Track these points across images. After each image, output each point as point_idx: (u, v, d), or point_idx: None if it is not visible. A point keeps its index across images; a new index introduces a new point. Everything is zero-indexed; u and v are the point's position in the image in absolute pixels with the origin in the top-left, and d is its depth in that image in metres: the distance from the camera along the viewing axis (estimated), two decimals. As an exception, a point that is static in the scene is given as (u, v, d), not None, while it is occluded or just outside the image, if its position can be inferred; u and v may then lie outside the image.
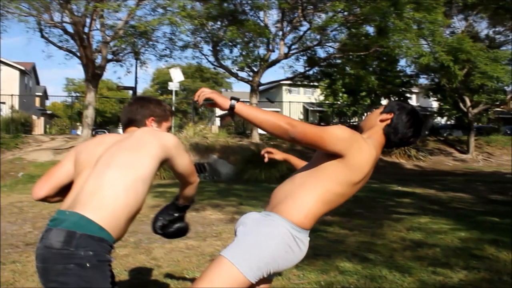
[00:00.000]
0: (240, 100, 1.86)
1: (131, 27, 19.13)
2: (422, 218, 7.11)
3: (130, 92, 36.84)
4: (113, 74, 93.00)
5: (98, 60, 18.64)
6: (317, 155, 2.00)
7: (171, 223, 2.38)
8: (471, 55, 22.02)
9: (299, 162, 2.60)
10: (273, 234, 1.85)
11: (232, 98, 1.82)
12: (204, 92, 1.84)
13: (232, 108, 1.80)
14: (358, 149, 1.85)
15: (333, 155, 1.85)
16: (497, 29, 28.99)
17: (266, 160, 2.67)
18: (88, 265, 1.67)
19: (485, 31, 36.71)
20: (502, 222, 6.95)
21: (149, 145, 1.94)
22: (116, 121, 46.39)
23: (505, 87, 26.46)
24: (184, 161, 2.09)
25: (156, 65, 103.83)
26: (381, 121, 2.01)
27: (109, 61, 19.71)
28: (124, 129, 2.25)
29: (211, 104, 1.88)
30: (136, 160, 1.89)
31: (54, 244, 1.70)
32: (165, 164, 2.05)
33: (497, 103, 28.49)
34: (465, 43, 21.99)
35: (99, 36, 21.07)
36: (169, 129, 2.32)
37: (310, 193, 1.88)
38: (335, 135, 1.81)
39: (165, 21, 18.66)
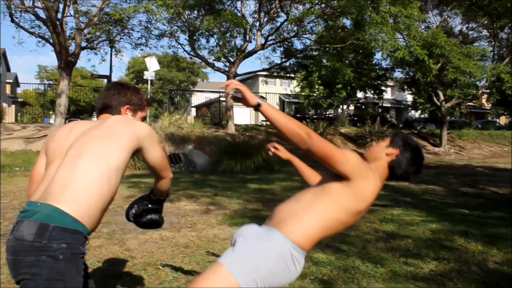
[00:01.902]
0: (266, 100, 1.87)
1: (106, 14, 18.78)
2: (395, 210, 7.21)
3: (105, 80, 36.30)
4: (87, 62, 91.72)
5: (72, 48, 18.24)
6: (325, 176, 2.03)
7: (144, 213, 2.34)
8: (445, 50, 22.37)
9: (301, 165, 2.61)
10: (274, 250, 1.85)
11: (257, 96, 1.83)
12: (234, 83, 1.81)
13: (258, 105, 1.79)
14: (366, 177, 1.89)
15: (340, 178, 1.86)
16: (470, 25, 29.51)
17: (270, 153, 2.68)
18: (61, 257, 1.65)
19: (458, 27, 37.34)
20: (471, 214, 7.10)
21: (121, 135, 1.90)
22: (90, 110, 45.67)
23: (477, 82, 26.99)
24: (157, 154, 2.05)
25: (132, 53, 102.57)
26: (387, 155, 2.04)
27: (83, 48, 19.33)
28: (98, 115, 2.19)
29: (237, 97, 1.85)
30: (108, 150, 1.85)
31: (26, 236, 1.66)
32: (138, 154, 2.00)
33: (469, 97, 29.05)
34: (439, 38, 22.32)
35: (72, 23, 20.67)
36: (143, 119, 2.27)
37: (314, 217, 1.89)
38: (347, 157, 1.84)
39: (140, 9, 18.38)
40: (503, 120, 44.18)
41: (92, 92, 42.58)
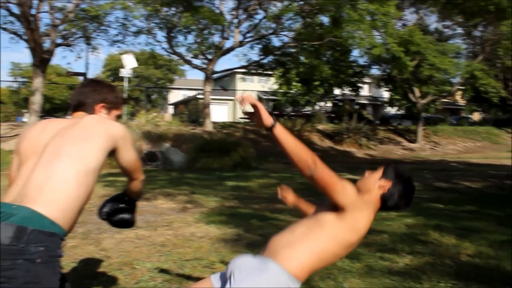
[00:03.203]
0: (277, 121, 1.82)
1: (82, 10, 18.51)
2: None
3: (81, 78, 35.80)
4: (63, 59, 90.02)
5: (47, 44, 17.94)
6: (319, 208, 2.05)
7: (117, 212, 2.33)
8: (421, 47, 22.70)
9: (308, 209, 2.61)
10: (271, 282, 1.85)
11: (272, 116, 1.78)
12: (250, 99, 1.76)
13: (272, 127, 1.76)
14: (360, 210, 1.91)
15: (335, 210, 1.88)
16: (445, 23, 29.96)
17: (279, 197, 2.73)
18: (38, 260, 1.62)
19: (434, 24, 37.92)
20: (446, 208, 7.22)
21: (97, 136, 1.87)
22: (65, 108, 44.98)
23: (452, 79, 27.44)
24: (129, 155, 2.04)
25: (108, 50, 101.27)
26: (380, 187, 2.06)
27: (58, 45, 19.00)
28: (72, 112, 2.14)
29: (251, 113, 1.80)
30: (84, 151, 1.82)
31: (3, 239, 1.61)
32: (111, 155, 1.98)
33: (444, 94, 29.54)
34: (415, 35, 22.64)
35: (47, 19, 20.35)
36: (118, 118, 2.23)
37: (309, 248, 1.90)
38: (346, 188, 1.85)
39: (117, 5, 18.17)
40: (476, 116, 45.03)
41: (67, 89, 41.95)
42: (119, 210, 2.33)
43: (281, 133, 1.76)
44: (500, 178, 12.11)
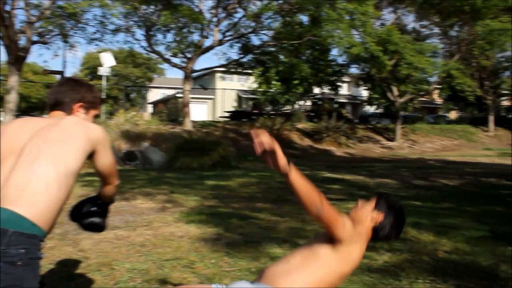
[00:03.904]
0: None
1: (59, 7, 18.23)
2: (350, 204, 7.24)
3: (58, 76, 35.30)
4: (39, 57, 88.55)
5: (22, 42, 17.60)
6: (314, 239, 2.10)
7: (88, 215, 2.29)
8: (399, 47, 22.96)
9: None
10: None
11: (288, 161, 1.81)
12: (269, 141, 1.74)
13: (288, 173, 1.80)
14: (355, 242, 1.98)
15: (330, 241, 1.95)
16: (422, 22, 30.38)
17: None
18: (19, 263, 1.59)
19: (412, 24, 38.34)
20: (423, 205, 7.32)
21: (77, 138, 1.85)
22: (42, 107, 44.26)
23: (429, 78, 27.84)
24: (107, 159, 2.02)
25: (86, 48, 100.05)
26: (372, 219, 2.13)
27: (34, 43, 18.68)
28: (49, 111, 2.09)
29: (265, 155, 1.77)
30: (64, 153, 1.80)
31: None
32: (89, 158, 1.95)
33: (422, 93, 29.95)
34: (393, 35, 22.89)
35: (23, 16, 19.99)
36: (96, 117, 2.20)
37: (305, 278, 1.94)
38: (345, 224, 1.93)
39: (95, 3, 17.94)
40: (453, 115, 45.78)
41: (44, 88, 41.29)
42: (91, 213, 2.29)
43: (296, 179, 1.82)
44: (476, 175, 12.33)
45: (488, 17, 23.95)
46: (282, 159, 1.78)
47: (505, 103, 42.69)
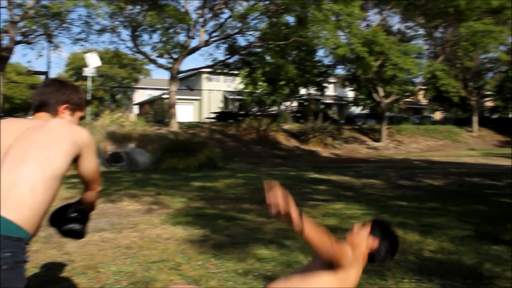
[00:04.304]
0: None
1: (43, 7, 18.05)
2: (336, 204, 7.35)
3: (42, 77, 34.94)
4: (23, 57, 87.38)
5: (5, 42, 17.39)
6: (312, 262, 2.15)
7: (68, 221, 2.25)
8: (385, 48, 23.12)
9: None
10: None
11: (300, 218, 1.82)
12: (282, 202, 1.77)
13: (302, 230, 1.83)
14: (353, 267, 2.04)
15: (329, 266, 1.99)
16: (408, 24, 30.65)
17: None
18: (5, 267, 1.57)
19: (397, 25, 38.67)
20: (409, 205, 7.37)
21: (63, 141, 1.84)
22: (26, 108, 43.77)
23: (414, 79, 28.09)
24: (91, 164, 2.01)
25: (71, 49, 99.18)
26: (368, 245, 2.19)
27: (17, 43, 18.48)
28: (34, 112, 2.07)
29: (279, 214, 1.78)
30: (51, 156, 1.79)
31: None
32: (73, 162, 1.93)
33: (407, 93, 30.21)
34: (379, 36, 23.04)
35: (6, 15, 19.74)
36: (81, 119, 2.18)
37: None
38: (347, 254, 2.00)
39: (80, 2, 17.79)
40: (438, 115, 46.22)
41: (28, 89, 40.84)
42: (70, 219, 2.25)
43: (309, 233, 1.84)
44: (461, 175, 12.46)
45: (471, 19, 24.27)
46: (296, 218, 1.81)
47: (489, 103, 43.25)
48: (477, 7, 23.62)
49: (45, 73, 25.04)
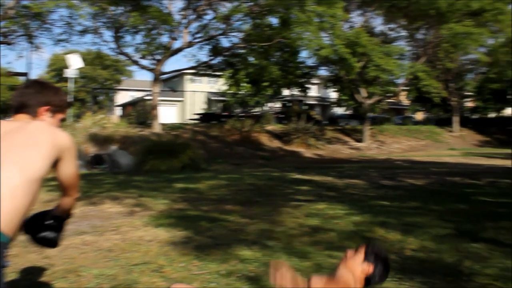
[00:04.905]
0: None
1: (24, 7, 17.80)
2: (319, 205, 7.38)
3: (22, 78, 34.48)
4: (3, 58, 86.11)
5: (-16, 43, 17.15)
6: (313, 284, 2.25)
7: (42, 228, 2.19)
8: (367, 49, 23.31)
9: None
10: None
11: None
12: (288, 283, 1.97)
13: None
14: None
15: None
16: (390, 25, 30.93)
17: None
18: None
19: (380, 27, 39.02)
20: (391, 205, 7.43)
21: (43, 144, 1.82)
22: (5, 109, 43.09)
23: (396, 80, 28.36)
24: (71, 168, 1.98)
25: (52, 50, 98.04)
26: (363, 270, 2.28)
27: (-4, 43, 18.21)
28: (14, 114, 2.04)
29: None
30: (30, 159, 1.77)
31: None
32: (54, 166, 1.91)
33: (389, 94, 30.49)
34: (362, 37, 23.23)
35: (-16, 16, 19.39)
36: (62, 121, 2.15)
37: None
38: (351, 283, 2.16)
39: (62, 3, 17.58)
40: (419, 116, 46.72)
41: (7, 90, 40.22)
42: (45, 227, 2.18)
43: None
44: (442, 175, 12.61)
45: (452, 21, 24.60)
46: None
47: (469, 104, 43.85)
48: (457, 9, 23.95)
49: (26, 74, 24.74)
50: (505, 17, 25.96)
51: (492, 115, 42.63)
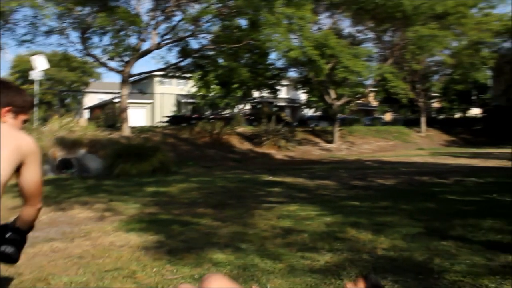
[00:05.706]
0: None
1: (-15, 6, 17.30)
2: (291, 206, 7.41)
3: (-15, 81, 33.47)
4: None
5: None
6: None
7: (0, 242, 1.99)
8: (336, 51, 23.56)
9: None
10: None
11: None
12: None
13: None
14: None
15: None
16: (358, 28, 31.35)
17: None
18: None
19: (348, 29, 39.53)
20: (362, 205, 7.52)
21: (5, 147, 1.75)
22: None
23: (365, 81, 28.78)
24: (34, 174, 1.88)
25: (16, 51, 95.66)
26: None
27: (-43, 45, 17.64)
28: None
29: None
30: None
31: None
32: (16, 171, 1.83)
33: (358, 96, 30.92)
34: (330, 39, 23.47)
35: None
36: (25, 122, 2.08)
37: None
38: None
39: (26, 3, 17.14)
40: (388, 117, 47.51)
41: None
42: (4, 241, 1.99)
43: None
44: (410, 174, 12.83)
45: (418, 24, 25.15)
46: None
47: (435, 104, 44.82)
48: (422, 12, 24.49)
49: (-11, 76, 24.01)
50: (467, 20, 26.76)
51: (458, 115, 43.74)
